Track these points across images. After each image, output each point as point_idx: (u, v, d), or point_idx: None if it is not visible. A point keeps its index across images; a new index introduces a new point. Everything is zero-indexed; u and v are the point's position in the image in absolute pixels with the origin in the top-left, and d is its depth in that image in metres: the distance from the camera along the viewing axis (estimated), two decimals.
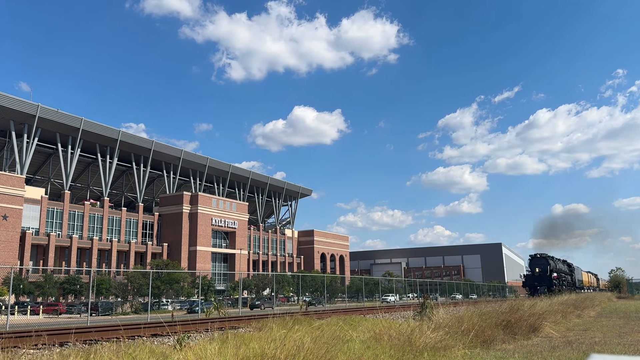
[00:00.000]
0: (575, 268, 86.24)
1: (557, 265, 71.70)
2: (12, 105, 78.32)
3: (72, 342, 9.55)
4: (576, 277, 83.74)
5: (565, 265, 79.88)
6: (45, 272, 71.36)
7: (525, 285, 69.29)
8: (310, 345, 8.49)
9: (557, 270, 69.78)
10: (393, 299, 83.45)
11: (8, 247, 73.62)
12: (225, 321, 12.67)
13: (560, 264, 75.50)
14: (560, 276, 70.02)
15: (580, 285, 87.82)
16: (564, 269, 76.02)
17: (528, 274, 69.40)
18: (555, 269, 68.78)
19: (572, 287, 76.53)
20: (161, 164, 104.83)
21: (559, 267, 72.70)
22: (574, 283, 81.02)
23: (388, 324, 14.04)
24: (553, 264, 69.26)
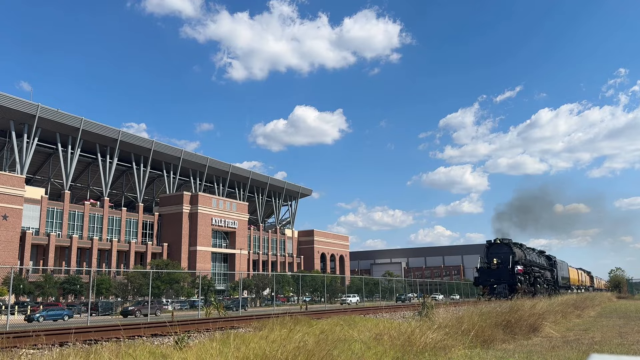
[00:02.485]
0: (559, 263, 69.56)
1: (528, 255, 54.07)
2: (12, 105, 78.30)
3: (72, 342, 9.54)
4: (559, 274, 66.98)
5: (543, 258, 62.75)
6: (45, 272, 71.34)
7: (477, 282, 51.09)
8: (310, 345, 8.48)
9: (527, 263, 52.18)
10: (355, 300, 75.21)
11: (8, 247, 73.59)
12: (226, 321, 12.66)
13: (535, 255, 58.26)
14: (532, 271, 52.89)
15: (566, 284, 72.28)
16: (538, 261, 58.38)
17: (482, 267, 50.42)
18: (523, 261, 50.95)
19: (552, 287, 61.69)
20: (161, 164, 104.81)
21: (531, 258, 54.93)
22: (556, 281, 64.88)
23: (388, 324, 14.04)
24: (520, 253, 51.23)
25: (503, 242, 50.44)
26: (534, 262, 55.08)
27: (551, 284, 61.89)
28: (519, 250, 51.69)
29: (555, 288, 62.96)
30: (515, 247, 50.78)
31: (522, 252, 52.45)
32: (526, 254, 53.00)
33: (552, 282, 62.37)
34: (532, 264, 53.71)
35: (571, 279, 76.92)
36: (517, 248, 51.71)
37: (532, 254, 57.33)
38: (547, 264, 63.02)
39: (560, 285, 66.83)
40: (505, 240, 50.86)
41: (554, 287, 62.55)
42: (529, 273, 51.55)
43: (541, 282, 55.93)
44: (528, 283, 50.19)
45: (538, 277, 54.46)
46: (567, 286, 73.08)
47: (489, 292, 47.68)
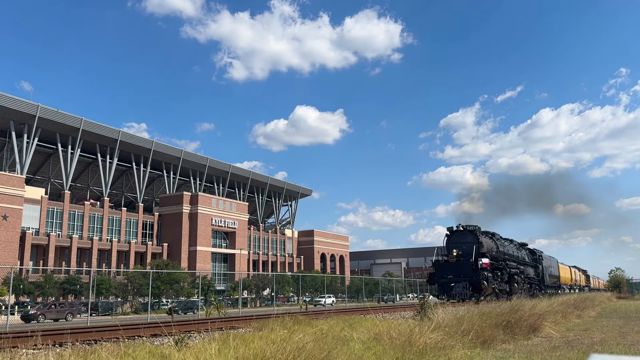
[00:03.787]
0: (546, 258, 59.93)
1: (502, 247, 44.06)
2: (12, 105, 78.30)
3: (71, 343, 9.53)
4: (545, 271, 57.37)
5: (524, 252, 52.56)
6: (45, 272, 71.34)
7: (431, 280, 40.56)
8: (310, 345, 8.48)
9: (500, 256, 42.17)
10: (330, 301, 72.12)
11: (8, 247, 73.59)
12: (226, 321, 12.65)
13: (512, 247, 48.14)
14: (507, 266, 42.91)
15: (555, 284, 63.22)
16: (517, 255, 48.40)
17: (439, 260, 40.36)
18: (494, 253, 40.88)
19: (537, 286, 52.91)
20: (161, 164, 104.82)
21: (505, 250, 44.88)
22: (542, 280, 55.29)
23: (388, 324, 14.03)
24: (489, 243, 41.09)
25: (467, 230, 39.21)
26: (510, 256, 44.99)
27: (535, 282, 52.37)
28: (488, 240, 41.10)
29: (541, 288, 53.87)
30: (483, 236, 40.32)
31: (494, 242, 42.00)
32: (499, 245, 42.63)
33: (536, 280, 52.85)
34: (507, 257, 43.63)
35: (562, 277, 67.92)
36: (487, 237, 41.29)
37: (509, 246, 46.88)
38: (529, 259, 53.09)
39: (547, 285, 57.59)
40: (469, 227, 39.63)
41: (539, 287, 53.49)
42: (502, 269, 41.22)
43: (520, 281, 45.71)
44: (500, 281, 40.14)
45: (516, 274, 44.48)
46: (557, 285, 64.25)
47: (443, 291, 37.47)
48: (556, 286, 63.33)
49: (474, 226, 40.42)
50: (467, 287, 36.68)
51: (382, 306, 38.07)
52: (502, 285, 40.80)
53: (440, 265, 39.31)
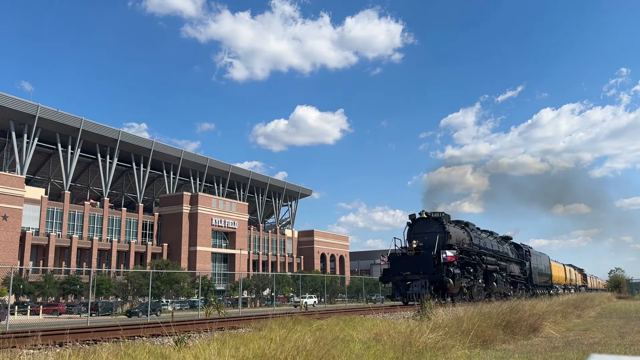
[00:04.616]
0: (535, 255, 53.28)
1: (477, 239, 37.86)
2: (12, 105, 78.33)
3: (71, 343, 9.54)
4: (534, 269, 51.15)
5: (507, 246, 45.78)
6: (45, 272, 71.35)
7: (384, 278, 33.61)
8: (310, 345, 8.48)
9: (474, 250, 35.72)
10: (312, 302, 67.89)
11: (8, 247, 73.60)
12: (225, 321, 12.67)
13: (492, 240, 41.81)
14: (482, 261, 36.25)
15: (546, 283, 57.10)
16: (496, 248, 41.24)
17: (395, 253, 33.39)
18: (466, 245, 34.76)
19: (523, 285, 47.16)
20: (161, 164, 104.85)
21: (482, 243, 38.55)
22: (529, 278, 49.24)
23: (388, 324, 14.04)
24: (459, 234, 34.93)
25: (432, 217, 32.93)
26: (487, 250, 38.32)
27: (521, 281, 46.64)
28: (458, 230, 34.86)
29: (528, 287, 48.03)
30: (453, 225, 34.23)
31: (466, 233, 35.78)
32: (473, 237, 36.29)
33: (522, 279, 47.14)
34: (483, 251, 36.94)
35: (554, 276, 61.56)
36: (457, 227, 35.18)
37: (487, 238, 40.71)
38: (514, 255, 47.06)
39: (536, 284, 51.55)
40: (435, 214, 33.25)
41: (526, 286, 47.70)
42: (475, 264, 34.47)
43: (501, 279, 39.36)
44: (473, 278, 33.86)
45: (495, 270, 37.98)
46: (549, 285, 58.11)
47: (398, 291, 30.77)
48: (547, 286, 57.66)
49: (440, 213, 33.73)
50: (426, 285, 29.43)
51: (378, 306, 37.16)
52: (476, 284, 34.21)
53: (396, 260, 31.95)
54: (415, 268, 30.81)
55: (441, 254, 30.16)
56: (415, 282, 30.21)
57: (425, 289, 29.18)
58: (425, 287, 29.50)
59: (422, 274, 30.23)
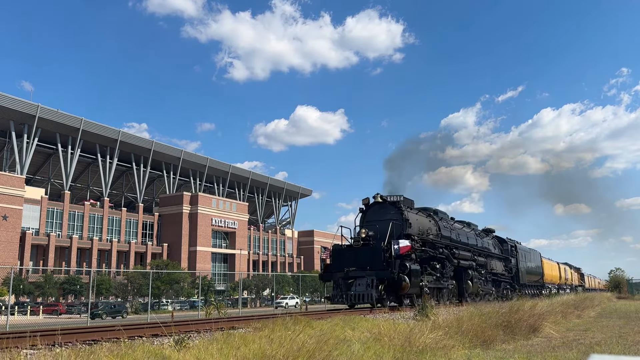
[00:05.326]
0: (522, 251, 47.16)
1: (447, 230, 31.46)
2: (12, 105, 78.36)
3: (71, 343, 9.54)
4: (521, 267, 45.31)
5: (489, 240, 39.82)
6: (45, 272, 71.37)
7: (325, 275, 27.15)
8: (310, 345, 8.49)
9: (437, 242, 29.25)
10: (294, 302, 63.70)
11: (8, 247, 73.61)
12: (225, 321, 12.68)
13: (468, 232, 35.40)
14: (453, 256, 30.15)
15: (537, 282, 51.80)
16: (472, 242, 34.98)
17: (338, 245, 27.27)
18: (428, 236, 28.57)
19: (508, 284, 41.56)
20: (161, 164, 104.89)
21: (453, 235, 32.13)
22: (515, 277, 43.45)
23: (388, 324, 14.05)
24: (424, 223, 29.30)
25: (388, 202, 27.03)
26: (460, 243, 31.81)
27: (505, 280, 40.74)
28: (422, 218, 28.73)
29: (514, 287, 42.48)
30: (413, 212, 27.94)
31: (433, 222, 29.84)
32: (442, 227, 30.18)
33: (507, 277, 41.24)
34: (454, 245, 30.64)
35: (546, 275, 56.06)
36: (420, 214, 29.05)
37: (462, 230, 34.07)
38: (497, 250, 41.06)
39: (524, 283, 46.01)
40: (393, 198, 27.40)
41: (512, 286, 42.23)
42: (444, 259, 28.57)
43: (477, 276, 32.80)
44: (440, 276, 27.72)
45: (470, 267, 31.69)
46: (540, 285, 53.02)
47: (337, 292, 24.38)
48: (538, 285, 52.64)
49: (398, 197, 27.42)
50: (372, 284, 23.08)
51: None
52: (444, 282, 28.23)
53: (339, 253, 25.51)
54: (362, 263, 24.22)
55: (392, 244, 23.59)
56: (359, 279, 23.53)
57: (371, 288, 22.91)
58: (372, 285, 23.02)
59: (369, 269, 23.68)
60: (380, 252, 24.08)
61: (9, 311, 26.98)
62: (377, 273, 23.49)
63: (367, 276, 23.48)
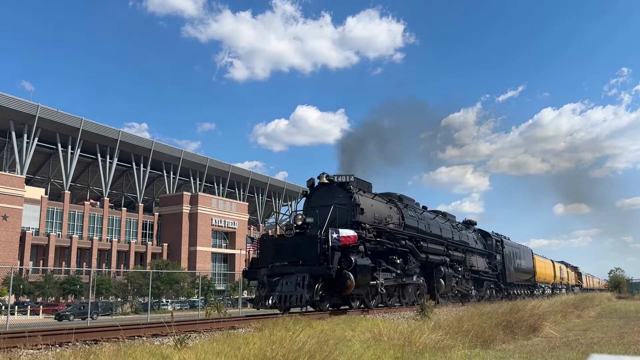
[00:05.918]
0: (509, 246, 42.41)
1: (412, 219, 26.01)
2: (12, 105, 78.39)
3: (71, 343, 9.55)
4: (508, 264, 40.57)
5: (467, 233, 34.47)
6: (45, 272, 71.41)
7: (249, 273, 20.17)
8: (310, 345, 8.49)
9: (399, 233, 23.58)
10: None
11: (8, 247, 73.64)
12: (226, 321, 12.69)
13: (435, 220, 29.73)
14: (421, 250, 25.25)
15: (528, 282, 47.90)
16: (446, 235, 30.00)
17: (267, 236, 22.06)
18: (387, 225, 23.10)
19: (493, 284, 37.46)
20: (161, 164, 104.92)
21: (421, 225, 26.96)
22: (501, 275, 38.90)
23: (388, 324, 14.05)
24: (382, 210, 23.51)
25: (336, 183, 22.05)
26: (430, 236, 27.21)
27: (489, 278, 36.20)
28: (379, 203, 23.67)
29: (499, 286, 38.34)
30: (368, 196, 22.74)
31: (395, 209, 24.88)
32: (407, 216, 25.48)
33: (490, 275, 36.76)
34: (421, 236, 25.96)
35: (539, 273, 51.75)
36: (378, 199, 23.85)
37: (434, 220, 29.30)
38: (480, 245, 36.38)
39: (512, 283, 41.52)
40: (341, 178, 22.24)
41: (497, 285, 37.97)
42: (407, 253, 23.75)
43: (451, 274, 28.28)
44: (401, 273, 22.83)
45: (441, 263, 27.44)
46: (531, 284, 49.10)
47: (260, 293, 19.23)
48: (530, 285, 48.61)
49: (348, 177, 22.04)
50: (303, 282, 17.86)
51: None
52: (407, 280, 23.59)
53: (267, 244, 20.49)
54: (295, 256, 19.00)
55: (330, 233, 18.49)
56: (287, 277, 18.22)
57: (302, 288, 17.59)
58: (303, 285, 17.69)
59: (301, 264, 18.54)
60: (316, 243, 18.79)
61: (9, 311, 26.99)
62: (310, 269, 18.06)
63: (298, 273, 18.08)
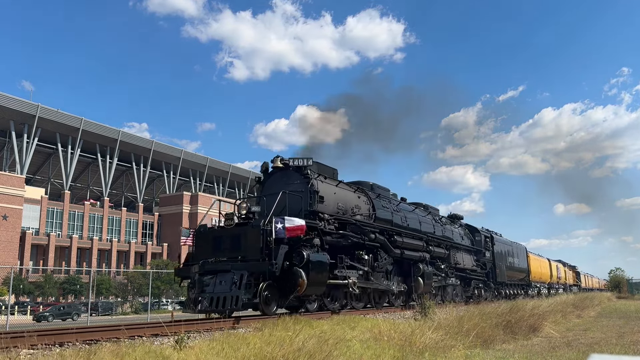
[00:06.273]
0: (501, 243, 39.62)
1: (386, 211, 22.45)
2: (12, 105, 78.40)
3: (72, 342, 9.55)
4: (499, 262, 37.74)
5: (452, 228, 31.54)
6: (45, 272, 71.41)
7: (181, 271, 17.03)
8: (310, 345, 8.49)
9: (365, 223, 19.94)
10: None
11: (8, 247, 73.64)
12: (226, 321, 12.68)
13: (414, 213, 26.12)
14: (389, 243, 21.22)
15: (522, 281, 45.75)
16: (426, 229, 26.51)
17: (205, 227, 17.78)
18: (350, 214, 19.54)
19: (482, 282, 34.45)
20: (161, 164, 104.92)
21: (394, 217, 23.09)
22: (491, 274, 36.13)
23: (388, 324, 14.05)
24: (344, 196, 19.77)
25: (292, 167, 18.58)
26: (404, 229, 23.73)
27: (477, 277, 33.59)
28: (344, 191, 20.39)
29: (489, 285, 35.61)
30: (331, 183, 19.56)
31: (365, 198, 21.55)
32: (378, 207, 22.08)
33: (479, 274, 34.09)
34: (395, 230, 22.68)
35: (533, 272, 49.33)
36: (342, 186, 20.43)
37: (412, 212, 26.02)
38: (467, 241, 33.61)
39: (503, 282, 38.77)
40: (298, 162, 18.42)
41: (486, 284, 35.24)
42: (377, 248, 20.91)
43: (430, 272, 24.83)
44: (370, 270, 19.82)
45: (420, 260, 24.24)
46: (525, 283, 46.95)
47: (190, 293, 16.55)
48: (523, 284, 46.38)
49: (305, 159, 18.46)
50: (241, 282, 14.72)
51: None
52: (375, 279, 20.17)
53: (204, 237, 17.41)
54: (235, 251, 15.89)
55: (274, 223, 15.23)
56: (221, 275, 15.13)
57: (239, 289, 14.53)
58: (240, 284, 14.58)
59: (240, 260, 15.38)
60: (259, 234, 15.50)
61: (9, 311, 26.99)
62: (249, 265, 14.92)
63: (235, 270, 14.93)
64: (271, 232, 15.35)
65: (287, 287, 15.55)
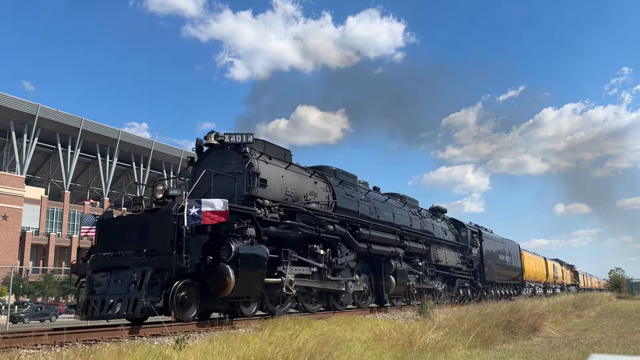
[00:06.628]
0: (490, 239, 36.81)
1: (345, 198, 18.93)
2: (12, 105, 78.39)
3: (71, 342, 9.54)
4: (485, 260, 34.35)
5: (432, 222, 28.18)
6: (45, 272, 71.41)
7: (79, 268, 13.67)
8: (310, 346, 8.49)
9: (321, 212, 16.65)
10: None
11: (8, 247, 73.63)
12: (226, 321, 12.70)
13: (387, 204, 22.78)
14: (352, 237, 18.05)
15: (515, 280, 43.46)
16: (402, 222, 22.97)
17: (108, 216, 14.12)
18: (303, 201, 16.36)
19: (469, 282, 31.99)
20: (161, 164, 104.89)
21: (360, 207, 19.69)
22: (479, 272, 33.47)
23: (388, 324, 14.05)
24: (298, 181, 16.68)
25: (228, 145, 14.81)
26: (372, 221, 20.48)
27: (462, 275, 31.02)
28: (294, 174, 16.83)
29: (476, 285, 32.90)
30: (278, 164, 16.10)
31: (324, 185, 18.41)
32: (340, 194, 18.94)
33: (464, 272, 31.40)
34: (360, 221, 19.41)
35: (527, 271, 46.84)
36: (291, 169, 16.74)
37: (384, 203, 22.86)
38: (450, 236, 30.86)
39: (492, 281, 36.04)
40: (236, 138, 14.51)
41: (472, 283, 32.65)
42: (336, 242, 17.50)
43: (411, 272, 22.95)
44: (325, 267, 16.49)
45: (392, 256, 21.41)
46: (518, 283, 44.59)
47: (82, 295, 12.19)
48: (516, 284, 44.11)
49: (245, 135, 14.81)
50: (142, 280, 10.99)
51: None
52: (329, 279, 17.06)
53: (106, 227, 13.78)
54: (143, 242, 12.65)
55: (187, 208, 11.95)
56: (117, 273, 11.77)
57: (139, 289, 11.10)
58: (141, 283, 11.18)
59: (146, 253, 12.16)
60: (170, 221, 12.41)
61: (9, 311, 27.00)
62: (153, 260, 11.82)
63: (136, 266, 11.74)
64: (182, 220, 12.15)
65: (213, 287, 12.50)
